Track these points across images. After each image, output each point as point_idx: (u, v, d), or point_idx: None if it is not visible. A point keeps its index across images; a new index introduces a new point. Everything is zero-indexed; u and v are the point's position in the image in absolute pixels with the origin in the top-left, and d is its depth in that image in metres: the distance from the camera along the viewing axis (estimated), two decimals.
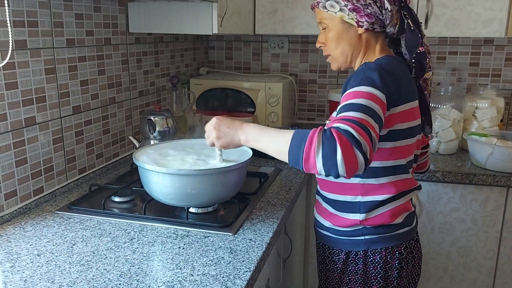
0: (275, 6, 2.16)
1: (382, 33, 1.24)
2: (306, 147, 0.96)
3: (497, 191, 1.87)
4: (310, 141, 0.96)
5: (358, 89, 1.07)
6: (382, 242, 1.25)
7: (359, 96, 1.05)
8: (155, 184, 1.27)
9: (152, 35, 2.02)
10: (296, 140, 0.99)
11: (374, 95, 1.06)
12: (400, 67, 1.22)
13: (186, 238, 1.21)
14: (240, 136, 1.13)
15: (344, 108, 1.03)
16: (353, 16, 1.19)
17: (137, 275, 1.02)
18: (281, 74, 2.58)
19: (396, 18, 1.20)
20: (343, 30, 1.22)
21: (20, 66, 1.30)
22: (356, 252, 1.27)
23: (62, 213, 1.35)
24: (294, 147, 0.99)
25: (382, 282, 1.26)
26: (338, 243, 1.30)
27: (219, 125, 1.16)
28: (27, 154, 1.36)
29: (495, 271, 1.95)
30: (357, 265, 1.27)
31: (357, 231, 1.25)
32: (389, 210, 1.23)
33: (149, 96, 2.04)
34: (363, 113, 1.01)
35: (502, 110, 2.13)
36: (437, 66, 2.39)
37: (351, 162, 0.93)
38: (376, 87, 1.08)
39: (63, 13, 1.46)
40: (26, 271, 1.03)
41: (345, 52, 1.25)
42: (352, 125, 0.96)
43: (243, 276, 1.02)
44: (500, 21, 1.95)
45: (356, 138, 0.94)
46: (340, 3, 1.19)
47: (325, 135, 0.95)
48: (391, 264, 1.25)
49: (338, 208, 1.27)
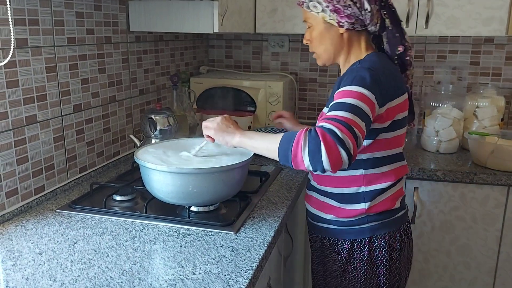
0: (275, 5, 2.16)
1: (364, 31, 1.30)
2: (294, 146, 1.05)
3: (497, 190, 1.87)
4: (297, 140, 1.05)
5: (349, 88, 1.14)
6: (385, 227, 1.31)
7: (348, 95, 1.12)
8: (156, 183, 1.27)
9: (152, 34, 2.02)
10: (285, 140, 1.08)
11: (363, 95, 1.12)
12: (389, 63, 1.29)
13: (188, 236, 1.21)
14: (236, 135, 1.22)
15: (334, 107, 1.10)
16: (334, 17, 1.25)
17: (138, 273, 1.02)
18: (282, 73, 2.57)
19: (377, 17, 1.26)
20: (325, 29, 1.28)
21: (21, 64, 1.30)
22: (361, 240, 1.32)
23: (63, 212, 1.35)
24: (283, 146, 1.08)
25: (387, 265, 1.32)
26: (342, 233, 1.34)
27: (222, 120, 1.25)
28: (28, 153, 1.36)
29: (495, 270, 1.96)
30: (362, 252, 1.32)
31: (362, 219, 1.31)
32: (390, 196, 1.31)
33: (150, 95, 2.04)
34: (351, 112, 1.07)
35: (503, 109, 2.13)
36: (437, 65, 2.39)
37: (335, 159, 1.01)
38: (366, 87, 1.13)
39: (64, 12, 1.46)
40: (28, 269, 1.03)
41: (327, 50, 1.31)
42: (336, 124, 1.04)
43: (245, 275, 1.02)
44: (501, 19, 1.95)
45: (339, 136, 1.01)
46: (322, 4, 1.24)
47: (310, 134, 1.03)
48: (393, 246, 1.32)
49: (342, 200, 1.31)
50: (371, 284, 1.34)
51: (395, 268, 1.34)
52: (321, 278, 1.44)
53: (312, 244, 1.46)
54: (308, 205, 1.44)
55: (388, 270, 1.33)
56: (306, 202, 1.45)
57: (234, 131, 1.22)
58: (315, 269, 1.48)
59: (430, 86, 2.40)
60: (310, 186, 1.42)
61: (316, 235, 1.43)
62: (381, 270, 1.32)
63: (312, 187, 1.40)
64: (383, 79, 1.18)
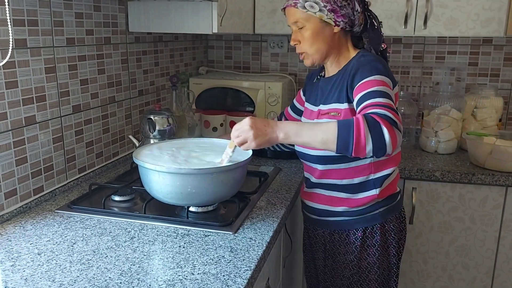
0: (274, 6, 2.16)
1: (349, 31, 1.37)
2: (356, 134, 1.08)
3: (495, 190, 1.87)
4: (358, 128, 1.08)
5: (373, 78, 1.22)
6: (392, 211, 1.40)
7: (376, 84, 1.20)
8: (155, 183, 1.27)
9: (151, 35, 2.02)
10: (342, 130, 1.10)
11: (385, 82, 1.22)
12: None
13: (187, 237, 1.21)
14: (279, 134, 1.17)
15: (369, 96, 1.18)
16: (331, 16, 1.30)
17: (137, 274, 1.02)
18: (281, 73, 2.58)
19: (362, 18, 1.34)
20: (320, 29, 1.32)
21: (20, 65, 1.30)
22: (372, 227, 1.38)
23: (62, 212, 1.35)
24: (343, 134, 1.10)
25: (396, 246, 1.41)
26: (354, 223, 1.39)
27: (255, 124, 1.18)
28: (27, 153, 1.36)
29: (493, 270, 1.96)
30: (374, 237, 1.39)
31: (373, 206, 1.37)
32: (393, 180, 1.40)
33: (149, 96, 2.04)
34: (385, 98, 1.17)
35: (501, 109, 2.14)
36: (436, 66, 2.40)
37: (395, 141, 1.09)
38: (384, 74, 1.24)
39: (63, 12, 1.46)
40: (27, 270, 1.03)
41: (320, 49, 1.34)
42: (385, 109, 1.12)
43: (243, 275, 1.03)
44: (499, 21, 1.95)
45: (393, 119, 1.10)
46: (320, 4, 1.29)
47: (369, 121, 1.09)
48: (400, 227, 1.42)
49: (353, 190, 1.37)
50: (383, 267, 1.41)
51: (400, 247, 1.43)
52: (330, 272, 1.46)
53: (317, 241, 1.48)
54: (311, 203, 1.45)
55: (397, 251, 1.42)
56: (308, 200, 1.46)
57: (273, 129, 1.17)
58: (320, 265, 1.49)
59: (429, 87, 2.41)
60: (312, 184, 1.43)
61: (323, 230, 1.45)
62: (391, 251, 1.41)
63: (315, 184, 1.42)
64: (388, 68, 1.29)
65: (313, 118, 1.40)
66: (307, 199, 1.46)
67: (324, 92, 1.39)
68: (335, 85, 1.35)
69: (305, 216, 1.53)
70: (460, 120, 2.08)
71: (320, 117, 1.37)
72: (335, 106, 1.33)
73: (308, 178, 1.45)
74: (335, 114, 1.32)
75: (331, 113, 1.33)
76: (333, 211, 1.40)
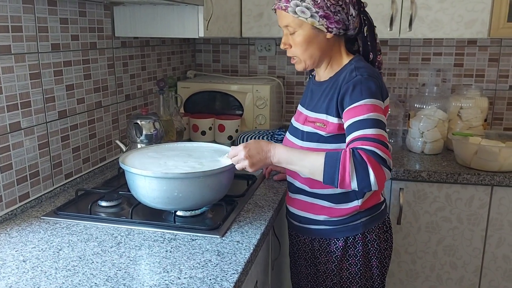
0: (261, 9, 2.17)
1: (343, 35, 1.31)
2: (341, 172, 1.11)
3: (481, 190, 1.89)
4: (344, 165, 1.10)
5: (364, 102, 1.18)
6: (375, 220, 1.37)
7: (367, 111, 1.17)
8: (142, 188, 1.27)
9: (138, 39, 2.02)
10: (329, 165, 1.13)
11: (377, 106, 1.19)
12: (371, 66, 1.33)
13: (173, 241, 1.21)
14: (273, 159, 1.24)
15: (359, 125, 1.16)
16: (323, 23, 1.24)
17: (124, 279, 1.02)
18: (269, 76, 2.59)
19: (357, 22, 1.29)
20: (313, 35, 1.27)
21: (4, 71, 1.30)
22: (354, 236, 1.35)
23: (48, 219, 1.34)
24: (329, 170, 1.13)
25: (379, 256, 1.38)
26: (335, 232, 1.36)
27: (249, 152, 1.24)
28: (12, 160, 1.35)
29: (481, 269, 1.98)
30: (356, 248, 1.36)
31: (355, 216, 1.35)
32: (376, 190, 1.33)
33: (136, 100, 2.03)
34: (377, 128, 1.15)
35: (486, 109, 2.16)
36: (422, 67, 2.42)
37: (381, 179, 1.10)
38: (376, 96, 1.20)
39: (47, 18, 1.45)
40: (12, 277, 1.03)
41: (313, 55, 1.30)
42: (374, 144, 1.12)
43: (230, 278, 1.03)
44: (483, 22, 1.98)
45: (381, 156, 1.10)
46: (311, 10, 1.22)
47: (356, 159, 1.10)
48: (382, 238, 1.39)
49: (335, 200, 1.35)
50: (365, 278, 1.38)
51: (384, 258, 1.40)
52: (312, 280, 1.45)
53: (299, 247, 1.47)
54: (293, 209, 1.44)
55: (380, 262, 1.39)
56: (290, 206, 1.45)
57: (267, 155, 1.24)
58: (303, 272, 1.48)
59: (415, 88, 2.43)
60: (296, 189, 1.41)
61: (304, 237, 1.43)
62: (374, 262, 1.38)
63: (299, 189, 1.40)
64: (381, 83, 1.26)
65: (301, 121, 1.38)
66: (290, 204, 1.45)
67: (314, 97, 1.36)
68: (325, 93, 1.31)
69: (288, 222, 1.52)
70: (446, 120, 2.11)
71: (306, 123, 1.34)
72: (323, 117, 1.29)
73: (292, 183, 1.43)
74: (320, 125, 1.29)
75: (317, 123, 1.30)
76: (314, 219, 1.38)
